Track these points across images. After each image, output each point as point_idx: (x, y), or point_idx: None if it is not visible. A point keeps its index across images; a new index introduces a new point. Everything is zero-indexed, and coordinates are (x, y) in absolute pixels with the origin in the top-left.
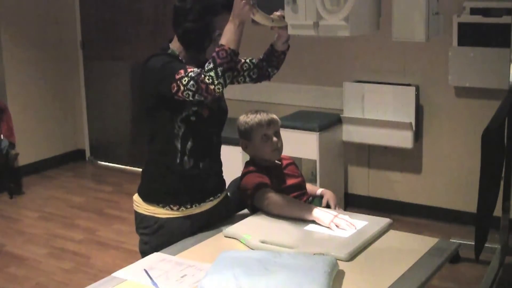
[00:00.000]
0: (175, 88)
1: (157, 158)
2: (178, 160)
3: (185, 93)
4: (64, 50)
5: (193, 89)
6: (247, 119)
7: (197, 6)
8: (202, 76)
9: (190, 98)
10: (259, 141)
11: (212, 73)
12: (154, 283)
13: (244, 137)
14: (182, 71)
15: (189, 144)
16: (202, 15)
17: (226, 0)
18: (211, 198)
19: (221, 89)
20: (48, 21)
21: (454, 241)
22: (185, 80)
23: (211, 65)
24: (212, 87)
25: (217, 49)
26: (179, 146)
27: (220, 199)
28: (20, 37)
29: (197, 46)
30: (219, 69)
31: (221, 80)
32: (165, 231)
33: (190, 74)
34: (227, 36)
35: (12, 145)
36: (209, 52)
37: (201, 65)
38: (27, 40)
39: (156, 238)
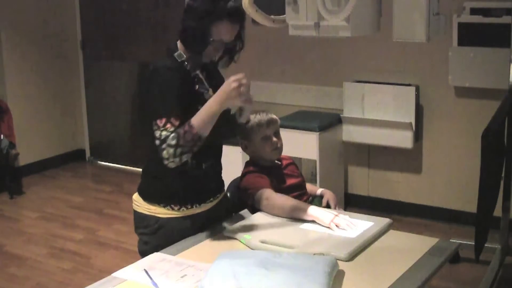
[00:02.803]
0: (155, 127)
1: (159, 157)
2: None
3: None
4: (64, 50)
5: (160, 147)
6: None
7: (202, 7)
8: (163, 146)
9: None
10: (259, 142)
11: (171, 151)
12: (154, 283)
13: (244, 138)
14: (163, 120)
15: None
16: (203, 17)
17: (234, 9)
18: (211, 199)
19: (173, 167)
20: (48, 21)
21: (454, 241)
22: (157, 134)
23: (174, 142)
24: (166, 162)
25: (186, 128)
26: None
27: (220, 199)
28: (20, 37)
29: (193, 47)
30: (178, 150)
31: (176, 160)
32: (165, 231)
33: (163, 133)
34: (202, 117)
35: (12, 145)
36: (206, 54)
37: (201, 66)
38: (27, 40)
39: (156, 238)
